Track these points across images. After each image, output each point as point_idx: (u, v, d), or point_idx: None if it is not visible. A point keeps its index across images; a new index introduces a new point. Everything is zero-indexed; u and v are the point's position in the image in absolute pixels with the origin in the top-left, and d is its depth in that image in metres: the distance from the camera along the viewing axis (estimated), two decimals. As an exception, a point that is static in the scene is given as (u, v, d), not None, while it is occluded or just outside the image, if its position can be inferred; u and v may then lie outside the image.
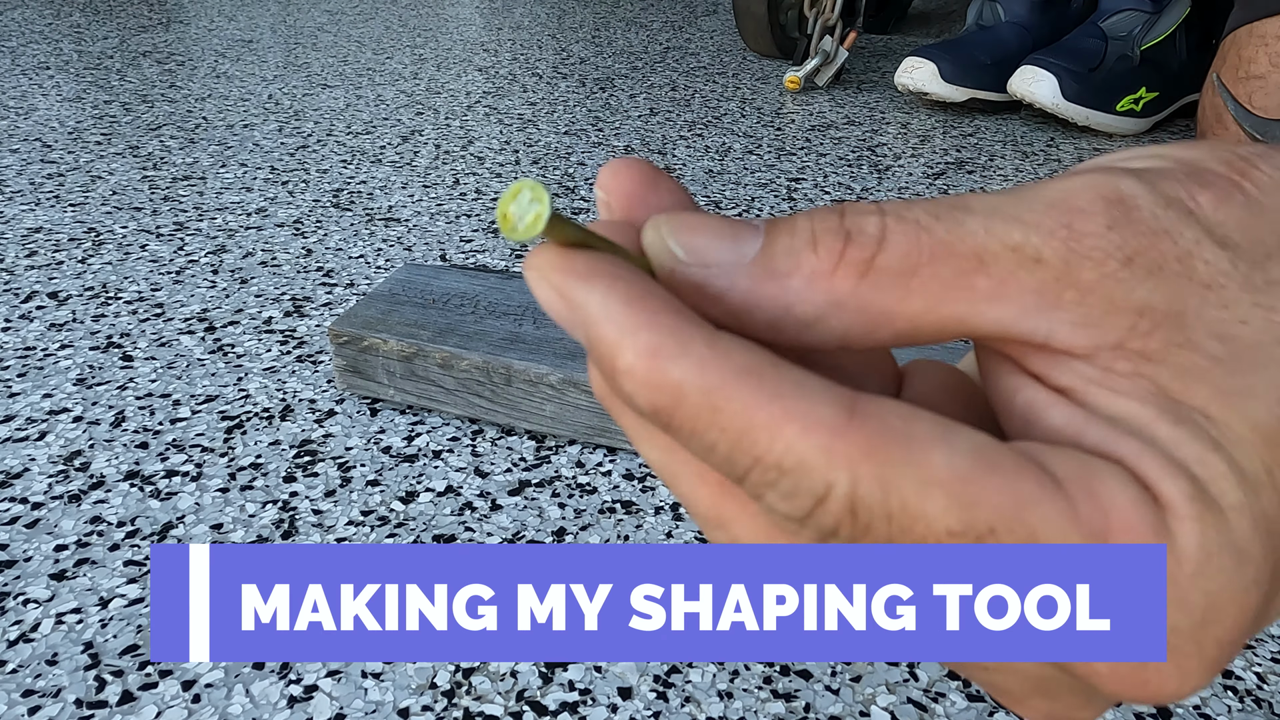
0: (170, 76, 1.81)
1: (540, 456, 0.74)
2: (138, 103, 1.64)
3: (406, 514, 0.67)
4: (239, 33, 2.21)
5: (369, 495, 0.69)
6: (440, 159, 1.39)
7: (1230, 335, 0.22)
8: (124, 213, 1.17)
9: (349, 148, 1.44)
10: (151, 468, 0.72)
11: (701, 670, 0.56)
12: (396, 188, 1.27)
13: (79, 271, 1.02)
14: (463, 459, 0.73)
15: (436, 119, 1.59)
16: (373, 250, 1.08)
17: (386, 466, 0.72)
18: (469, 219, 1.17)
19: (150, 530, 0.65)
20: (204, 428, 0.76)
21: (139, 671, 0.55)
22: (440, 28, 2.34)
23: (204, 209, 1.19)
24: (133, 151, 1.39)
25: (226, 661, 0.55)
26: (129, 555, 0.63)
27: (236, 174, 1.31)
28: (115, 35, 2.13)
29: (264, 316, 0.93)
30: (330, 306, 0.95)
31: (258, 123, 1.55)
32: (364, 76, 1.85)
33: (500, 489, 0.70)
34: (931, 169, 1.40)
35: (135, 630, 0.57)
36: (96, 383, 0.82)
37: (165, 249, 1.07)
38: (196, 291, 0.98)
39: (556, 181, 1.30)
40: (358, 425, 0.77)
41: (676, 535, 0.66)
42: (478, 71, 1.92)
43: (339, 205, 1.21)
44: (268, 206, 1.20)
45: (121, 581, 0.61)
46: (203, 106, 1.63)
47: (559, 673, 0.55)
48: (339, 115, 1.60)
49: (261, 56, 1.99)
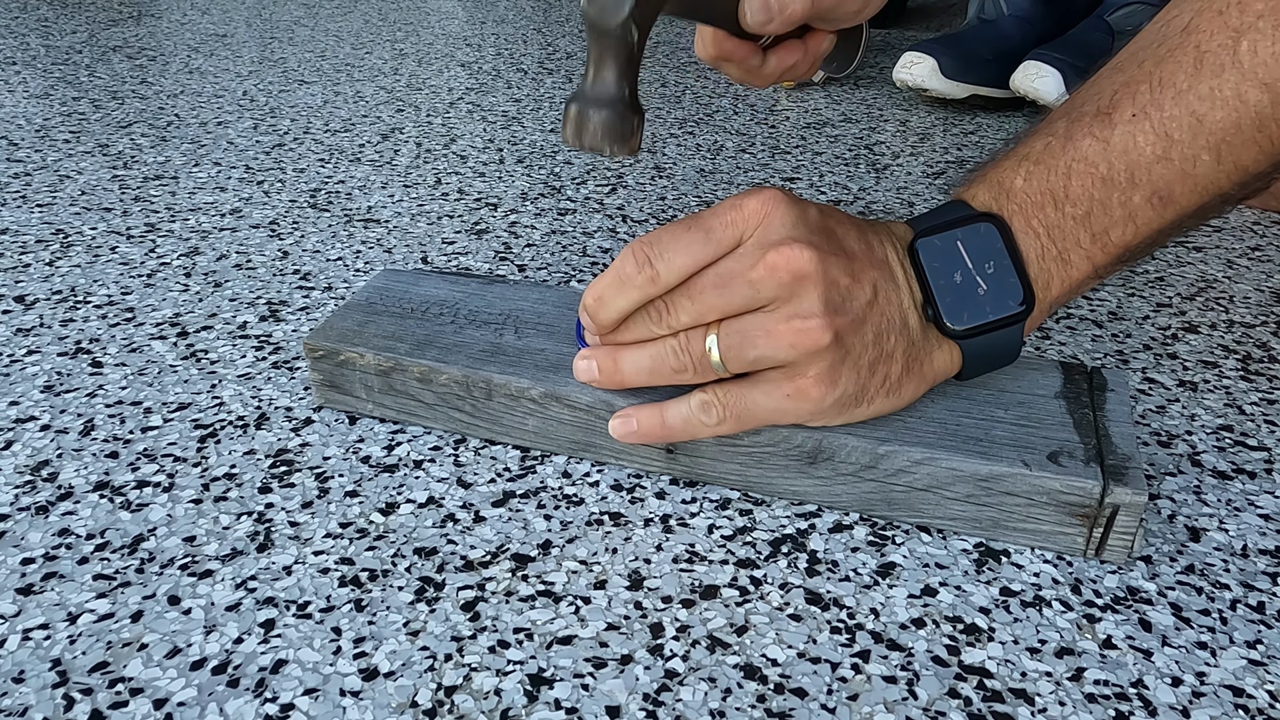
0: (141, 72, 1.81)
1: (525, 467, 0.74)
2: (107, 99, 1.64)
3: (387, 526, 0.67)
4: (212, 27, 2.21)
5: (347, 507, 0.69)
6: (421, 158, 1.39)
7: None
8: (93, 213, 1.17)
9: (327, 146, 1.44)
10: (122, 478, 0.72)
11: (693, 688, 0.56)
12: (376, 188, 1.27)
13: (46, 274, 1.02)
14: (445, 469, 0.73)
15: (417, 116, 1.60)
16: (351, 252, 1.08)
17: (366, 477, 0.72)
18: (451, 220, 1.17)
19: (121, 543, 0.65)
20: (176, 437, 0.76)
21: (109, 690, 0.55)
22: (421, 22, 2.34)
23: (176, 210, 1.19)
24: (102, 150, 1.39)
25: (198, 680, 0.55)
26: (98, 569, 0.63)
27: (210, 173, 1.31)
28: (84, 29, 2.12)
29: (239, 321, 0.93)
30: (308, 310, 0.95)
31: (232, 120, 1.55)
32: (342, 72, 1.86)
33: (484, 500, 0.70)
34: (931, 168, 1.40)
35: (105, 647, 0.57)
36: (65, 390, 0.82)
37: (136, 251, 1.07)
38: (169, 295, 0.98)
39: (542, 181, 1.31)
40: (336, 434, 0.77)
41: (667, 548, 0.66)
42: (460, 67, 1.92)
43: (316, 206, 1.21)
44: (242, 207, 1.20)
45: (90, 596, 0.61)
46: (175, 103, 1.63)
47: (545, 690, 0.55)
48: (316, 112, 1.60)
49: (236, 51, 1.99)
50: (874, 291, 0.63)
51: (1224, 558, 0.67)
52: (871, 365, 0.64)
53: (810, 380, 0.63)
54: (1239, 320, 0.98)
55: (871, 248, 0.64)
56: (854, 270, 0.62)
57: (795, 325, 0.61)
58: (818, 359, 0.62)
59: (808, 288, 0.60)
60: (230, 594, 0.61)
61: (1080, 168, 0.62)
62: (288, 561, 0.64)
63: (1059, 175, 0.63)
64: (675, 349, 0.64)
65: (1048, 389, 0.71)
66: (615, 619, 0.60)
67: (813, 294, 0.60)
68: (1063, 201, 0.63)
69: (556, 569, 0.64)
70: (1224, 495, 0.73)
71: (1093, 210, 0.62)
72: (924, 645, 0.59)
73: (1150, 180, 0.61)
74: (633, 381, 0.67)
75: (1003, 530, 0.66)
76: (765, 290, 0.61)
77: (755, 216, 0.61)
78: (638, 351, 0.66)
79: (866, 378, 0.64)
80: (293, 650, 0.57)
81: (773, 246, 0.60)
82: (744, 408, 0.65)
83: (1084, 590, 0.63)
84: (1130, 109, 0.61)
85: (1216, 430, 0.80)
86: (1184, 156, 0.60)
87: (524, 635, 0.59)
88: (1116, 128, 0.61)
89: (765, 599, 0.62)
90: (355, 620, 0.60)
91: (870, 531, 0.68)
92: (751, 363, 0.63)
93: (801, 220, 0.62)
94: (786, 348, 0.61)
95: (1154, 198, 0.61)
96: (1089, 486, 0.63)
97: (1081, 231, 0.63)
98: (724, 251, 0.62)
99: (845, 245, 0.63)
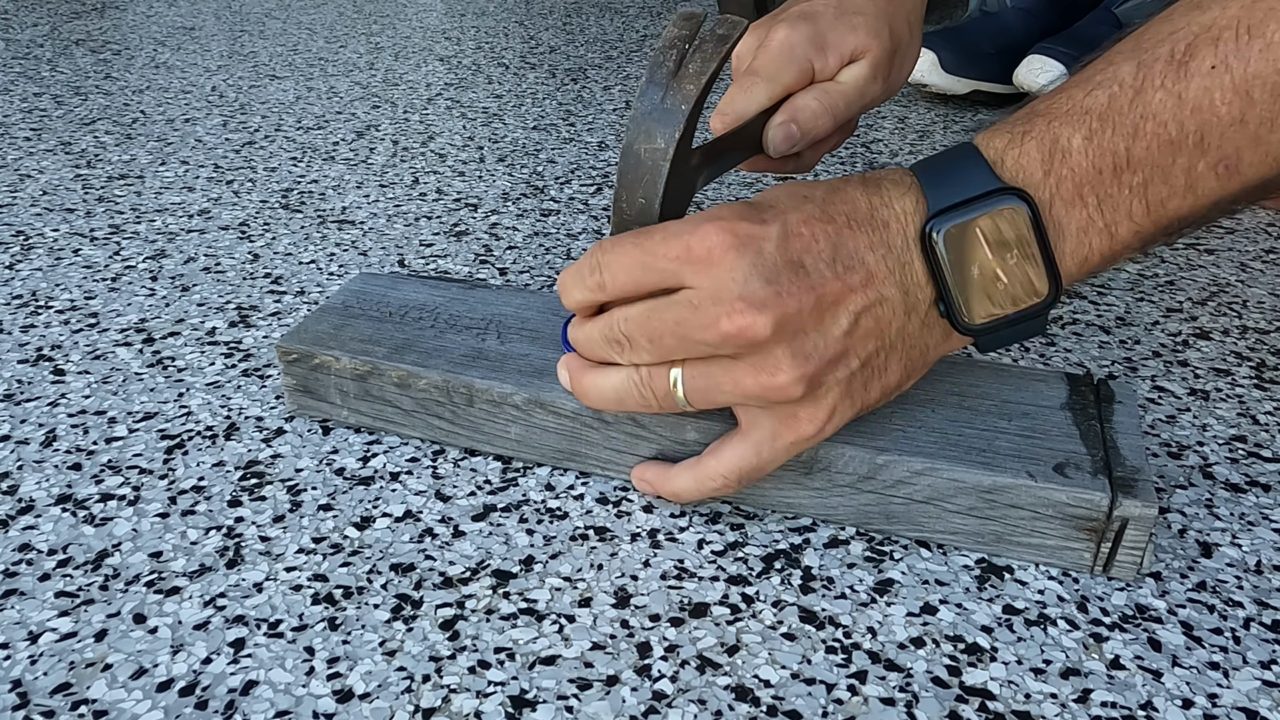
0: (105, 67, 1.81)
1: (507, 479, 0.74)
2: (70, 95, 1.64)
3: (362, 541, 0.67)
4: (179, 19, 2.21)
5: (321, 521, 0.69)
6: (398, 156, 1.40)
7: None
8: (55, 214, 1.17)
9: (299, 144, 1.44)
10: (85, 491, 0.72)
11: (682, 711, 0.56)
12: (351, 187, 1.27)
13: (6, 279, 1.02)
14: (423, 481, 0.73)
15: (394, 113, 1.60)
16: (325, 255, 1.08)
17: (340, 490, 0.72)
18: (429, 221, 1.17)
19: (84, 559, 0.65)
20: (142, 448, 0.76)
21: (71, 712, 0.55)
22: (398, 14, 2.35)
23: (142, 210, 1.19)
24: (65, 148, 1.39)
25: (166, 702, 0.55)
26: (60, 586, 0.63)
27: (177, 172, 1.31)
28: (45, 22, 2.12)
29: (207, 327, 0.93)
30: (279, 316, 0.95)
31: (200, 117, 1.55)
32: (315, 67, 1.86)
33: (463, 514, 0.70)
34: (931, 167, 1.40)
35: (67, 667, 0.57)
36: (25, 399, 0.82)
37: (100, 254, 1.07)
38: (134, 300, 0.98)
39: (524, 181, 1.31)
40: (309, 445, 0.77)
41: (655, 564, 0.66)
42: (439, 61, 1.92)
43: (288, 206, 1.21)
44: (211, 208, 1.20)
45: (52, 615, 0.61)
46: (141, 99, 1.63)
47: (527, 713, 0.55)
48: (288, 109, 1.60)
49: (204, 45, 1.99)
50: (853, 320, 0.60)
51: (1237, 574, 0.67)
52: (866, 384, 0.63)
53: (804, 421, 0.62)
54: (1253, 326, 0.98)
55: (852, 266, 0.59)
56: (824, 306, 0.59)
57: (763, 381, 0.60)
58: (803, 406, 0.62)
59: (769, 347, 0.59)
60: (198, 612, 0.61)
61: (1148, 127, 0.56)
62: (258, 578, 0.64)
63: (1123, 136, 0.57)
64: (638, 384, 0.64)
65: (1053, 400, 0.72)
66: (601, 638, 0.60)
67: (775, 351, 0.59)
68: (1123, 168, 0.57)
69: (539, 586, 0.64)
70: (1237, 509, 0.73)
71: (1152, 178, 0.57)
72: (923, 666, 0.59)
73: (1220, 146, 0.55)
74: (600, 407, 0.67)
75: (1006, 545, 0.67)
76: (725, 350, 0.59)
77: (702, 263, 0.58)
78: (602, 379, 0.65)
79: (863, 396, 0.63)
80: (264, 671, 0.57)
81: (724, 309, 0.58)
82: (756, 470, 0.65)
83: (1090, 608, 0.63)
84: (1210, 58, 0.54)
85: (1229, 441, 0.80)
86: (1260, 120, 0.54)
87: (505, 655, 0.59)
88: (1193, 80, 0.55)
89: (757, 617, 0.62)
90: (329, 639, 0.60)
91: (867, 547, 0.68)
92: (720, 405, 0.63)
93: (755, 270, 0.58)
94: (757, 399, 0.61)
95: (1220, 165, 0.56)
96: (1097, 499, 0.63)
97: (1136, 202, 0.58)
98: (665, 285, 0.60)
99: (814, 279, 0.59)
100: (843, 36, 0.76)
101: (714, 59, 0.63)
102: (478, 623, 0.61)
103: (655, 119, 0.62)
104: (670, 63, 0.63)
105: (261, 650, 0.59)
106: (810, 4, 0.79)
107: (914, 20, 0.83)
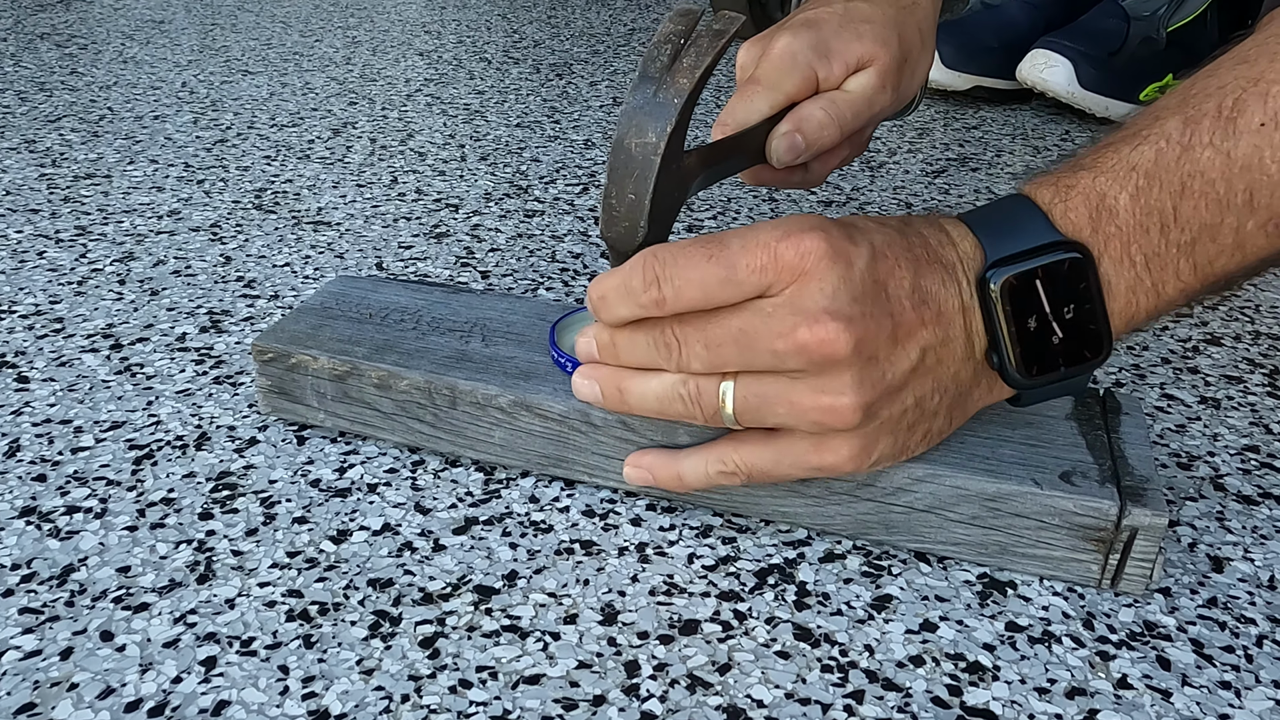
0: (71, 61, 1.81)
1: (489, 490, 0.74)
2: (34, 91, 1.63)
3: (338, 555, 0.67)
4: (148, 12, 2.21)
5: (296, 534, 0.69)
6: (376, 155, 1.40)
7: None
8: (18, 215, 1.17)
9: (273, 142, 1.44)
10: (50, 503, 0.71)
11: (672, 730, 0.56)
12: (327, 187, 1.27)
13: (-34, 282, 1.01)
14: (402, 493, 0.73)
15: (372, 110, 1.60)
16: (300, 258, 1.08)
17: (315, 502, 0.72)
18: (409, 222, 1.17)
19: (49, 574, 0.65)
20: (109, 458, 0.76)
21: (34, 735, 0.55)
22: (376, 6, 2.35)
23: (109, 211, 1.18)
24: (29, 146, 1.39)
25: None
26: (24, 602, 0.63)
27: (146, 172, 1.31)
28: (9, 15, 2.12)
29: (177, 332, 0.93)
30: (252, 321, 0.95)
31: (170, 114, 1.55)
32: (290, 62, 1.86)
33: (444, 527, 0.70)
34: (931, 166, 1.41)
35: (31, 687, 0.57)
36: (-14, 408, 0.82)
37: (65, 256, 1.07)
38: (101, 304, 0.98)
39: (507, 180, 1.31)
40: (283, 455, 0.77)
41: (643, 579, 0.66)
42: (418, 56, 1.92)
43: (262, 207, 1.21)
44: (181, 208, 1.20)
45: (16, 632, 0.61)
46: (108, 95, 1.63)
47: (511, 734, 0.55)
48: (262, 105, 1.60)
49: (174, 39, 1.99)
50: (920, 355, 0.60)
51: (1249, 590, 0.67)
52: (911, 426, 0.62)
53: (844, 458, 0.61)
54: (1265, 331, 0.98)
55: (926, 300, 0.59)
56: (898, 336, 0.58)
57: (823, 403, 0.58)
58: (848, 436, 0.60)
59: (840, 368, 0.57)
60: (168, 629, 0.61)
61: (1195, 185, 0.57)
62: (230, 594, 0.64)
63: (1170, 194, 0.57)
64: (684, 396, 0.62)
65: (1058, 410, 0.72)
66: (587, 656, 0.60)
67: (845, 374, 0.57)
68: (1170, 226, 0.58)
69: (523, 602, 0.64)
70: (1249, 522, 0.73)
71: (1200, 237, 0.57)
72: (923, 685, 0.59)
73: (1270, 205, 0.56)
74: (638, 412, 0.65)
75: (1010, 557, 0.67)
76: (791, 363, 0.58)
77: (790, 272, 0.56)
78: (643, 383, 0.63)
79: (905, 438, 0.62)
80: (236, 690, 0.57)
81: (805, 320, 0.56)
82: (768, 477, 0.64)
83: (1097, 625, 0.64)
84: (1259, 115, 0.55)
85: (1241, 451, 0.80)
86: None
87: (488, 674, 0.59)
88: (1241, 138, 0.56)
89: (750, 635, 0.62)
90: (304, 658, 0.59)
91: (865, 561, 0.68)
92: (768, 425, 0.62)
93: (844, 284, 0.56)
94: (811, 423, 0.60)
95: (1270, 224, 0.56)
96: (1105, 507, 0.63)
97: (1183, 261, 0.58)
98: (744, 298, 0.58)
99: (894, 306, 0.58)
100: (848, 44, 0.77)
101: (708, 54, 0.63)
102: (459, 640, 0.61)
103: (647, 113, 0.62)
104: (664, 58, 0.63)
105: (234, 669, 0.59)
106: (815, 11, 0.79)
107: (925, 28, 0.83)
